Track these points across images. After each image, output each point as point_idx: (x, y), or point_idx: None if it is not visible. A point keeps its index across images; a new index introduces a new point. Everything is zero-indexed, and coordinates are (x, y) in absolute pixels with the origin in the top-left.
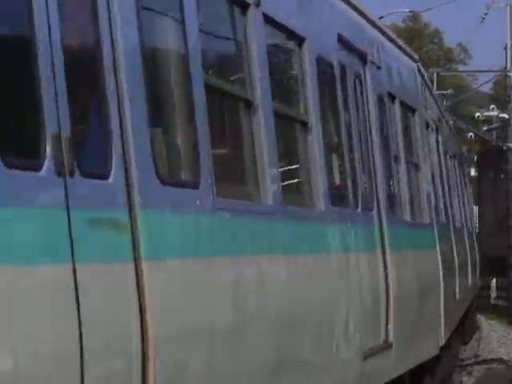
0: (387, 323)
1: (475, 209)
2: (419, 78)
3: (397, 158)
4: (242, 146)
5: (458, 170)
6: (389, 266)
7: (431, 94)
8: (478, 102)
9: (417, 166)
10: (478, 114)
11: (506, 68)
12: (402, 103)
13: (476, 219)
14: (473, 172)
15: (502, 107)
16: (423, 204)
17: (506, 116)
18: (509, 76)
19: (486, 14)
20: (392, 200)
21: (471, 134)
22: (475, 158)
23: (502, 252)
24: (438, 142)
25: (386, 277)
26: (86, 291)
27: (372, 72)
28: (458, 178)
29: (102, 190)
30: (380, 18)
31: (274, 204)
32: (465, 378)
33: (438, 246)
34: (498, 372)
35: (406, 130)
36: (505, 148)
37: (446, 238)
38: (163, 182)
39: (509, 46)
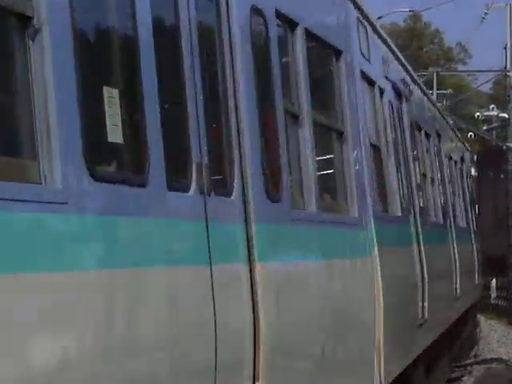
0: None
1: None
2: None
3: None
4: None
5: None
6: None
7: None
8: (478, 101)
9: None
10: (477, 113)
11: (505, 68)
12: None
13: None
14: (473, 172)
15: (502, 107)
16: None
17: (506, 116)
18: (509, 76)
19: (486, 13)
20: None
21: (471, 133)
22: (475, 157)
23: (502, 252)
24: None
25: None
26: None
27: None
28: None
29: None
30: (379, 18)
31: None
32: (465, 378)
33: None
34: (497, 372)
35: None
36: (505, 148)
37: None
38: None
39: (509, 45)
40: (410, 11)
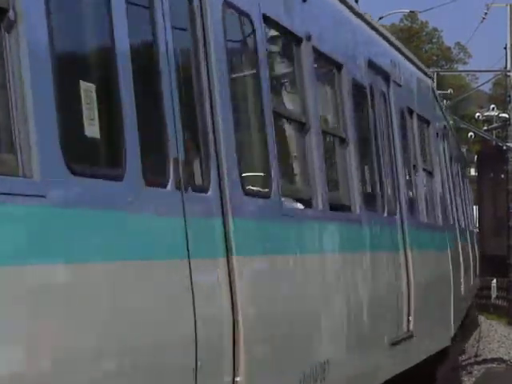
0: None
1: (475, 208)
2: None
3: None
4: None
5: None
6: None
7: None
8: (478, 101)
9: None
10: (478, 113)
11: (506, 68)
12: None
13: (476, 219)
14: (473, 172)
15: (502, 107)
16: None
17: (506, 116)
18: (509, 76)
19: (486, 13)
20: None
21: (471, 133)
22: (475, 157)
23: (502, 252)
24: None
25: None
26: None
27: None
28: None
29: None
30: (380, 19)
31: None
32: (465, 378)
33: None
34: (497, 372)
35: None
36: (505, 148)
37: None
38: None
39: (509, 45)
40: (410, 11)
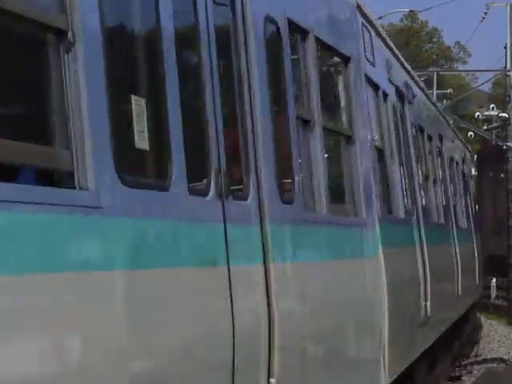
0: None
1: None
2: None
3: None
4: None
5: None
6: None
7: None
8: (478, 101)
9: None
10: (477, 113)
11: (505, 67)
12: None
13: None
14: (473, 171)
15: (502, 107)
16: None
17: (506, 115)
18: (509, 76)
19: (485, 13)
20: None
21: (471, 133)
22: (475, 157)
23: (501, 252)
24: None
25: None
26: None
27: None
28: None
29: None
30: (379, 18)
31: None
32: (465, 378)
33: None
34: (497, 371)
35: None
36: (505, 147)
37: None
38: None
39: (508, 45)
40: (410, 11)
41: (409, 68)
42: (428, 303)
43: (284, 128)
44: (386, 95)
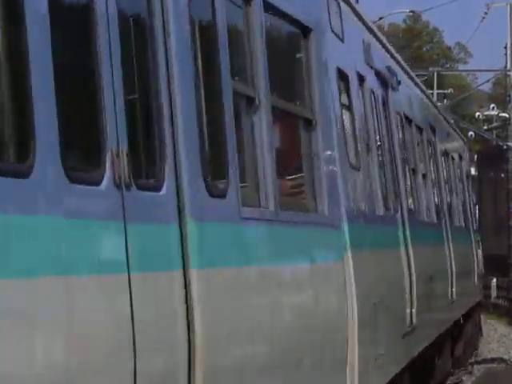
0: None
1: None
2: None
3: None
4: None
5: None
6: None
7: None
8: (478, 101)
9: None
10: (478, 113)
11: (506, 67)
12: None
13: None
14: (473, 171)
15: (502, 106)
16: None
17: (506, 115)
18: (509, 75)
19: (486, 13)
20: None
21: (471, 133)
22: (475, 157)
23: (502, 251)
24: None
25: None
26: None
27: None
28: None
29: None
30: (380, 19)
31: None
32: (465, 378)
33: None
34: (497, 371)
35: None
36: (505, 147)
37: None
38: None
39: (509, 45)
40: (410, 11)
41: (395, 54)
42: (414, 310)
43: (215, 103)
44: (362, 78)
